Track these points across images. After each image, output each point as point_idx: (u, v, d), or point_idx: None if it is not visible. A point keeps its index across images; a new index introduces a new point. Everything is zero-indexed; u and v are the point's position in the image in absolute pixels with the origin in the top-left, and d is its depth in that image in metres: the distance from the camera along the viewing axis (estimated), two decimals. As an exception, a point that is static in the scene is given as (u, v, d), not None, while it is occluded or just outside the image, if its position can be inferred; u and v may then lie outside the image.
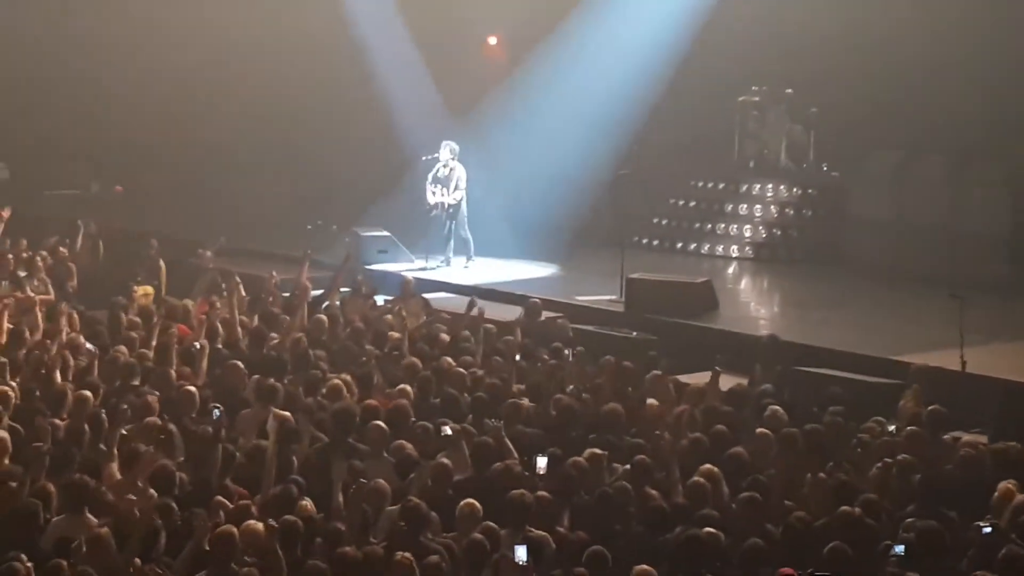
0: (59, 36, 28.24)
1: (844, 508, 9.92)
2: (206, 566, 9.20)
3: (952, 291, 15.86)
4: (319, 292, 17.44)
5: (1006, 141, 21.20)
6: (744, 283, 22.02)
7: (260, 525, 9.65)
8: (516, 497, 10.01)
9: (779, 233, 23.05)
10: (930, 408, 12.51)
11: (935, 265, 20.37)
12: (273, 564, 9.21)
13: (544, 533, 9.79)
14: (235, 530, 9.46)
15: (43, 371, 13.42)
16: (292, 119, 26.67)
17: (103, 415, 11.81)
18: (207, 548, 9.32)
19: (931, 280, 19.40)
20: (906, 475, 10.92)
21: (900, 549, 9.34)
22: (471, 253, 21.66)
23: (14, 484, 10.18)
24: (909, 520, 9.92)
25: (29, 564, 8.91)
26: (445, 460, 11.03)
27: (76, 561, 9.11)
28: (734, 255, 23.05)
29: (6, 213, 20.14)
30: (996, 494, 10.40)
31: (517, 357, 14.47)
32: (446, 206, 21.40)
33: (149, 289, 18.24)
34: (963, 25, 21.78)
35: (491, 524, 9.76)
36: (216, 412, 11.79)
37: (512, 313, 17.09)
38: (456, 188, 21.42)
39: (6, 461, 10.94)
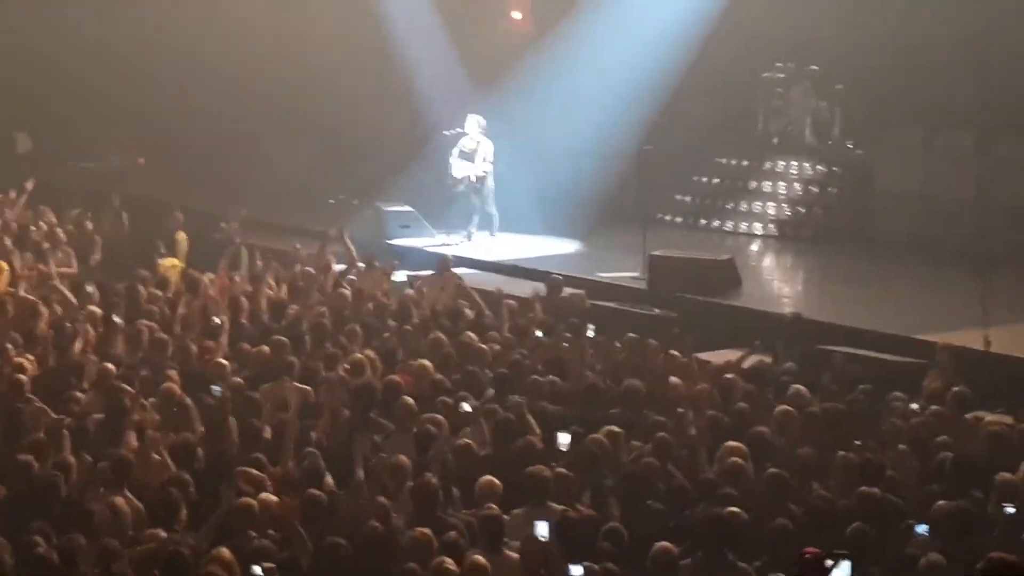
0: (81, 8, 28.22)
1: (867, 488, 9.86)
2: (229, 537, 9.18)
3: (977, 268, 15.74)
4: (342, 267, 17.43)
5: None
6: (768, 261, 21.91)
7: (280, 499, 9.66)
8: (535, 472, 9.98)
9: (803, 210, 22.92)
10: (956, 388, 12.43)
11: (962, 240, 20.20)
12: (295, 538, 9.19)
13: (565, 508, 9.76)
14: (256, 502, 9.47)
15: (64, 343, 13.42)
16: (315, 91, 26.59)
17: (123, 388, 11.82)
18: (230, 520, 9.32)
19: (958, 256, 19.25)
20: (930, 454, 10.86)
21: (924, 529, 9.29)
22: (495, 229, 21.59)
23: (30, 458, 10.18)
24: (934, 500, 9.85)
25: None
26: (466, 436, 11.01)
27: (95, 533, 9.13)
28: (758, 232, 22.94)
29: (29, 185, 20.15)
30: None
31: (539, 333, 14.43)
32: (472, 180, 21.32)
33: (175, 261, 18.24)
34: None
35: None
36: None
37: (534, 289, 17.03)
38: (483, 161, 21.34)
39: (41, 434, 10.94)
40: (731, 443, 10.85)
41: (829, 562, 6.87)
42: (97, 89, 27.81)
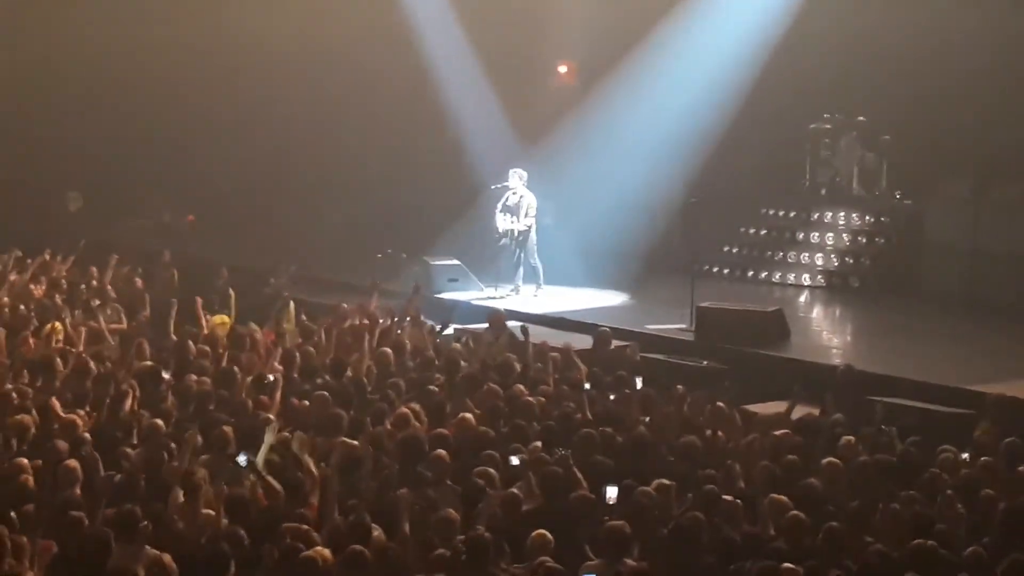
0: (133, 70, 28.51)
1: (919, 540, 9.77)
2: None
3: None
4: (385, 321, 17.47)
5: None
6: (816, 311, 21.84)
7: (329, 553, 9.66)
8: (615, 528, 9.93)
9: (851, 261, 22.86)
10: (1008, 440, 12.32)
11: (1012, 293, 20.13)
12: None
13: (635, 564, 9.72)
14: (310, 558, 9.46)
15: (116, 399, 13.49)
16: (362, 147, 26.78)
17: (173, 444, 11.86)
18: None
19: (1008, 309, 19.16)
20: (982, 506, 10.76)
21: None
22: (540, 281, 21.62)
23: (78, 514, 10.20)
24: (986, 553, 9.74)
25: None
26: (514, 490, 10.98)
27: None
28: (806, 283, 22.89)
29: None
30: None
31: (587, 386, 14.40)
32: (515, 234, 21.38)
33: (225, 318, 18.31)
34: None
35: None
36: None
37: (582, 342, 17.01)
38: (526, 215, 21.40)
39: (77, 490, 10.98)
40: (780, 496, 10.77)
41: None
42: (148, 147, 28.10)
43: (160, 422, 12.61)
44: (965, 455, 12.37)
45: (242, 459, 11.52)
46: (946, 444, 12.60)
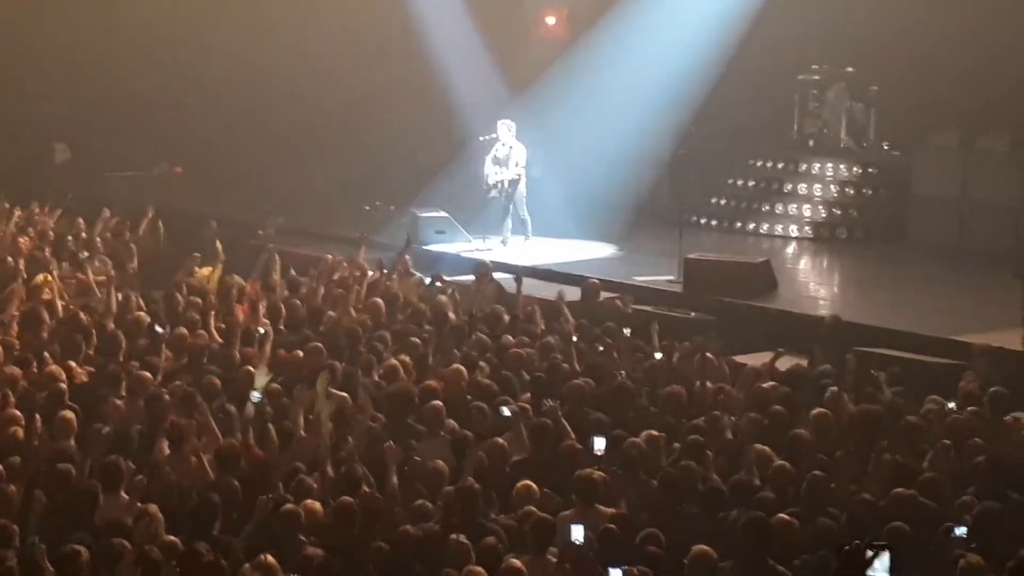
0: (120, 19, 28.39)
1: (902, 489, 9.84)
2: (269, 544, 9.23)
3: (1016, 270, 15.69)
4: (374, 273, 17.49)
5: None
6: (803, 263, 21.86)
7: (319, 505, 9.73)
8: (584, 476, 10.00)
9: (839, 212, 22.87)
10: (993, 389, 12.39)
11: (1000, 243, 20.20)
12: (335, 544, 9.24)
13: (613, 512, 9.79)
14: (299, 509, 9.52)
15: (107, 351, 13.52)
16: (349, 98, 26.69)
17: (163, 395, 11.91)
18: (270, 526, 9.37)
19: (996, 259, 19.22)
20: (968, 456, 10.83)
21: (962, 531, 9.25)
22: (529, 233, 21.62)
23: (68, 466, 10.24)
24: (971, 502, 9.82)
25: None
26: (502, 440, 11.03)
27: (134, 540, 9.19)
28: (793, 235, 22.89)
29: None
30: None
31: (575, 338, 14.44)
32: (505, 184, 21.36)
33: (213, 269, 18.30)
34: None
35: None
36: (256, 396, 11.80)
37: (571, 294, 17.04)
38: (516, 166, 21.38)
39: (71, 442, 11.02)
40: (765, 446, 10.83)
41: (869, 553, 6.86)
42: (135, 100, 27.97)
43: (148, 374, 12.64)
44: (951, 405, 12.44)
45: (256, 396, 11.64)
46: (933, 395, 12.67)
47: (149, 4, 28.27)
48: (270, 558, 8.83)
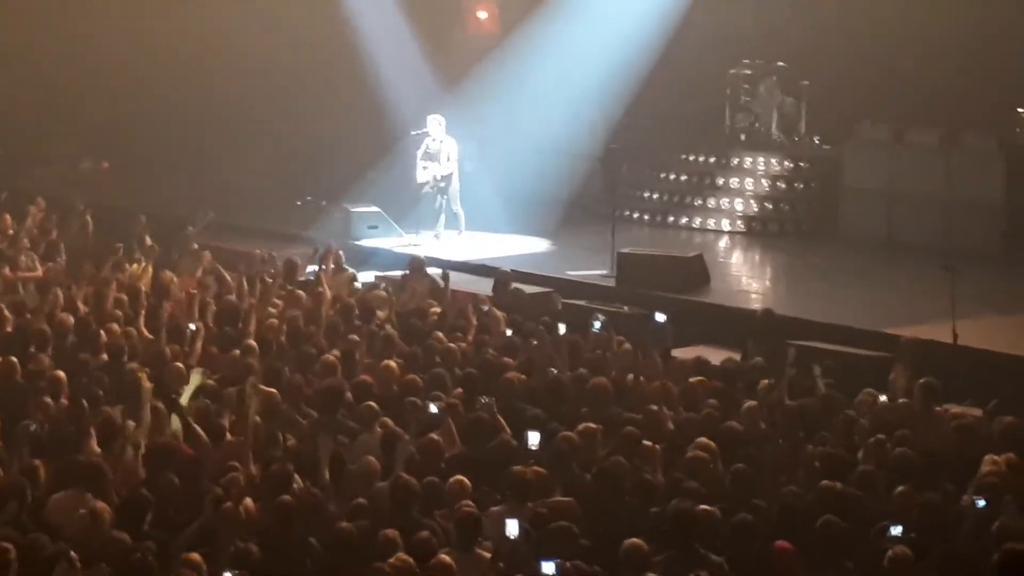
0: (43, 12, 28.07)
1: (829, 482, 9.87)
2: (207, 542, 9.15)
3: (945, 262, 15.81)
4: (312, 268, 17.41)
5: (998, 110, 21.17)
6: (736, 257, 21.93)
7: (252, 503, 9.66)
8: (516, 473, 9.97)
9: (771, 206, 22.94)
10: (923, 380, 12.46)
11: (929, 236, 20.39)
12: (270, 541, 9.17)
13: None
14: (237, 507, 9.44)
15: (31, 348, 13.34)
16: (279, 93, 26.52)
17: (91, 392, 11.78)
18: (207, 525, 9.30)
19: (925, 251, 19.40)
20: (900, 448, 10.87)
21: (897, 530, 9.24)
22: (462, 227, 21.58)
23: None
24: (903, 494, 9.86)
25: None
26: (435, 436, 10.97)
27: (67, 538, 9.07)
28: (726, 229, 22.95)
29: None
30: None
31: (508, 332, 14.41)
32: (437, 179, 21.30)
33: (143, 266, 18.11)
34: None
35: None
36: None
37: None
38: (448, 160, 21.32)
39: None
40: (703, 440, 10.84)
41: None
42: (61, 94, 27.67)
43: (62, 373, 12.43)
44: (883, 397, 12.51)
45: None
46: (865, 387, 12.74)
47: (74, 2, 27.99)
48: (195, 555, 8.75)
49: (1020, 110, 21.24)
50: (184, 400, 11.64)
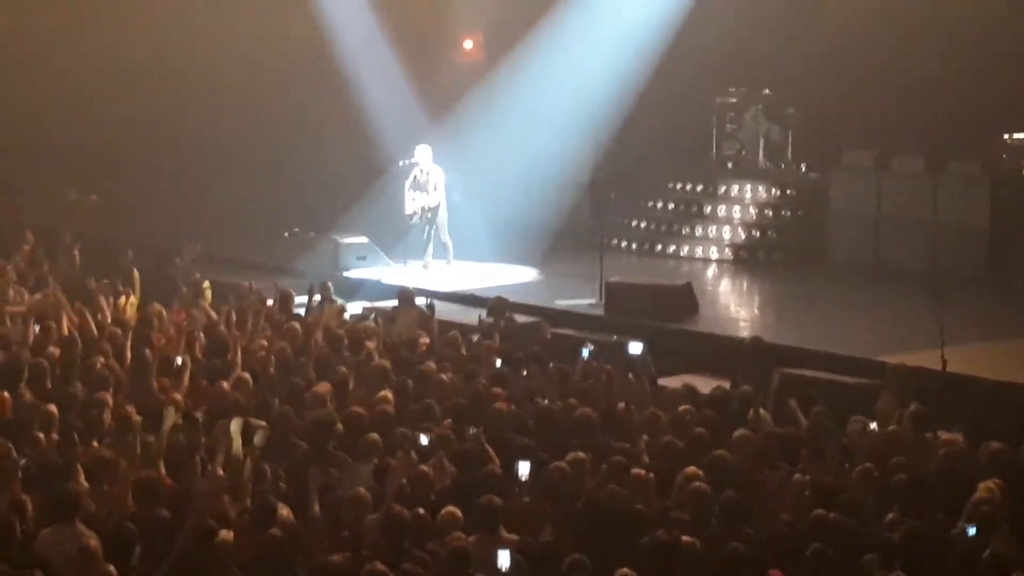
0: (32, 43, 28.07)
1: (820, 511, 9.87)
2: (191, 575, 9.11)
3: (932, 288, 15.84)
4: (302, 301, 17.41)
5: (983, 136, 21.28)
6: (724, 285, 21.97)
7: (233, 535, 9.62)
8: (487, 502, 9.94)
9: (758, 234, 23.00)
10: (912, 407, 12.47)
11: (916, 261, 20.48)
12: (258, 574, 9.14)
13: (525, 539, 9.73)
14: (218, 539, 9.41)
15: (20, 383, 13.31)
16: (267, 125, 26.55)
17: (75, 427, 11.75)
18: (190, 558, 9.26)
19: (913, 276, 19.47)
20: (889, 475, 10.88)
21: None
22: (451, 257, 21.60)
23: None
24: (892, 521, 9.86)
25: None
26: (425, 467, 10.96)
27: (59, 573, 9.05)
28: (713, 257, 23.00)
29: None
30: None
31: (498, 363, 14.40)
32: (425, 210, 21.33)
33: (133, 299, 18.10)
34: (935, 22, 21.90)
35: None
36: None
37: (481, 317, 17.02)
38: (435, 190, 21.35)
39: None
40: (690, 468, 10.83)
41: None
42: (50, 126, 27.65)
43: (53, 408, 12.38)
44: (873, 425, 12.51)
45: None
46: (854, 415, 12.75)
47: (59, 31, 27.96)
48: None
49: (1005, 136, 21.33)
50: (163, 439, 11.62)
